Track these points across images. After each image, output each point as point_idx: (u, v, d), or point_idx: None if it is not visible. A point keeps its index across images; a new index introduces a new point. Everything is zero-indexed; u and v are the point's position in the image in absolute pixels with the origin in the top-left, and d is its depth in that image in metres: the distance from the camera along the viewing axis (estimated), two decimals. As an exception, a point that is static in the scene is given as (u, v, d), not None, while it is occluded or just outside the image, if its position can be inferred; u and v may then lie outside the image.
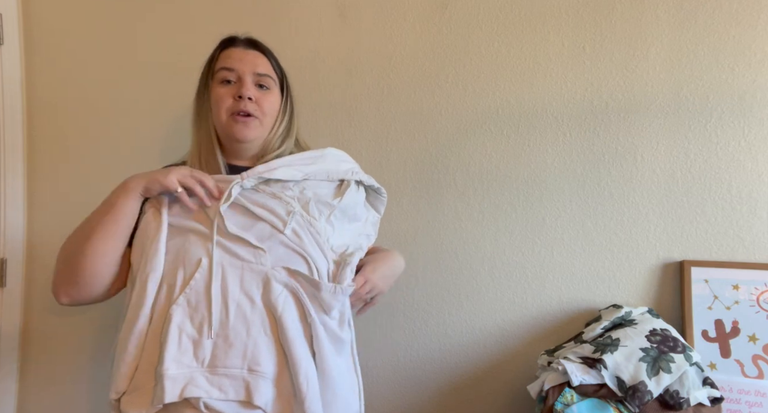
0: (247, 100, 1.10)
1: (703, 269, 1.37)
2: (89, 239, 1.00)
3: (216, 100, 1.12)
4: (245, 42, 1.17)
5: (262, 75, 1.13)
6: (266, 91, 1.14)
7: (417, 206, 1.52)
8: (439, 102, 1.52)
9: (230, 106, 1.11)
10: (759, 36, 1.38)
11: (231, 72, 1.12)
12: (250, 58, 1.14)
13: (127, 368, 0.97)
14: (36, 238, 1.65)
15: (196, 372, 0.95)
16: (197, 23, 1.61)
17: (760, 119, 1.38)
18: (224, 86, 1.12)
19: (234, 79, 1.12)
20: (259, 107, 1.12)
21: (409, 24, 1.54)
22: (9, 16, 1.62)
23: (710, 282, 1.36)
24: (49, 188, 1.65)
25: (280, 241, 1.01)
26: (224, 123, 1.11)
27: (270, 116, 1.15)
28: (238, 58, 1.13)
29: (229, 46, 1.16)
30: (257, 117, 1.12)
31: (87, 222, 1.04)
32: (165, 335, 0.96)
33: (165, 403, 0.93)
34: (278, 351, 0.98)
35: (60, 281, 1.03)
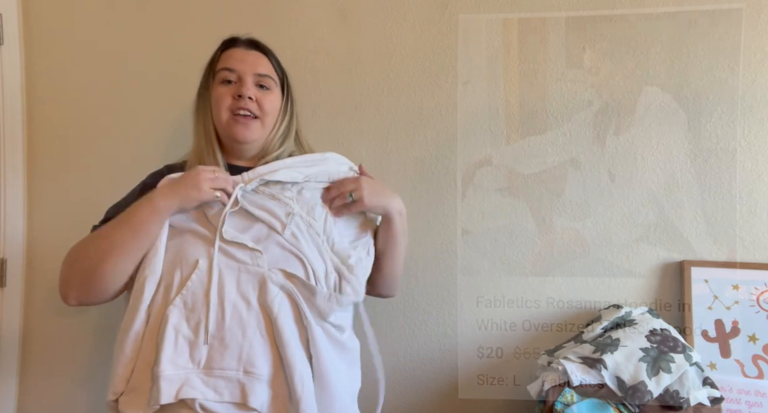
0: (247, 99, 1.10)
1: (703, 269, 1.37)
2: (109, 257, 0.99)
3: (216, 99, 1.12)
4: (246, 43, 1.17)
5: (263, 75, 1.13)
6: (267, 92, 1.14)
7: (417, 206, 1.52)
8: (439, 102, 1.52)
9: (230, 105, 1.11)
10: (759, 36, 1.38)
11: (232, 72, 1.12)
12: (252, 58, 1.14)
13: (124, 369, 0.97)
14: (36, 238, 1.65)
15: (191, 373, 0.95)
16: (198, 23, 1.61)
17: (760, 119, 1.38)
18: (225, 86, 1.12)
19: (234, 80, 1.12)
20: (259, 107, 1.12)
21: (409, 24, 1.54)
22: (9, 16, 1.62)
23: (710, 282, 1.36)
24: (49, 188, 1.65)
25: (276, 242, 1.01)
26: (224, 123, 1.11)
27: (271, 116, 1.14)
28: (239, 59, 1.13)
29: (231, 47, 1.16)
30: (258, 117, 1.12)
31: (107, 237, 1.01)
32: (161, 336, 0.96)
33: (161, 404, 0.93)
34: (274, 352, 0.98)
35: (71, 286, 1.03)
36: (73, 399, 1.63)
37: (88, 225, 1.58)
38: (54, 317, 1.65)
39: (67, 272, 1.04)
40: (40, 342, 1.65)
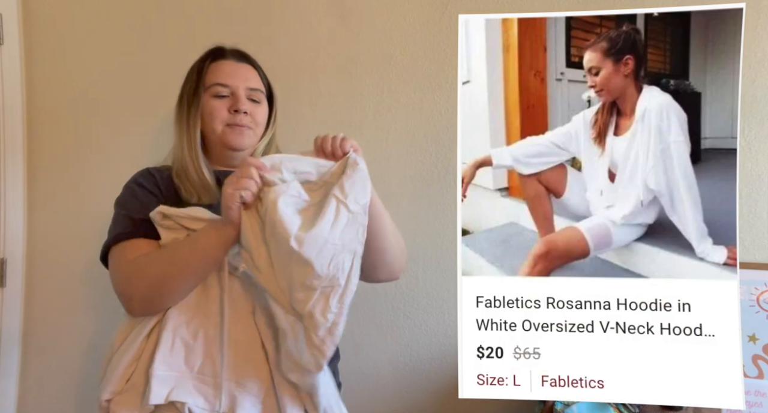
0: (242, 114, 1.14)
1: (703, 269, 1.36)
2: (182, 281, 0.99)
3: (210, 112, 1.14)
4: (235, 54, 1.20)
5: (254, 89, 1.17)
6: (257, 105, 1.18)
7: (417, 206, 1.52)
8: (439, 102, 1.52)
9: (226, 118, 1.14)
10: (759, 36, 1.38)
11: (225, 87, 1.15)
12: (242, 72, 1.17)
13: (127, 368, 0.97)
14: (36, 238, 1.65)
15: (185, 376, 0.95)
16: (197, 24, 1.61)
17: (760, 119, 1.38)
18: (218, 100, 1.15)
19: (227, 94, 1.15)
20: (252, 119, 1.16)
21: (409, 24, 1.54)
22: (9, 16, 1.62)
23: (710, 282, 1.36)
24: (49, 189, 1.65)
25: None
26: (219, 133, 1.15)
27: (261, 126, 1.19)
28: (230, 73, 1.16)
29: (219, 59, 1.18)
30: (251, 128, 1.16)
31: (184, 263, 0.99)
32: (159, 336, 0.96)
33: (153, 404, 0.93)
34: (268, 370, 0.99)
35: (135, 299, 1.00)
36: (73, 399, 1.63)
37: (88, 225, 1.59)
38: (54, 317, 1.65)
39: (130, 285, 1.01)
40: (40, 342, 1.65)
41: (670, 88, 1.15)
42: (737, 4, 1.11)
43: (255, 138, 1.18)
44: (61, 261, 1.63)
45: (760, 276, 1.34)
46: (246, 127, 1.15)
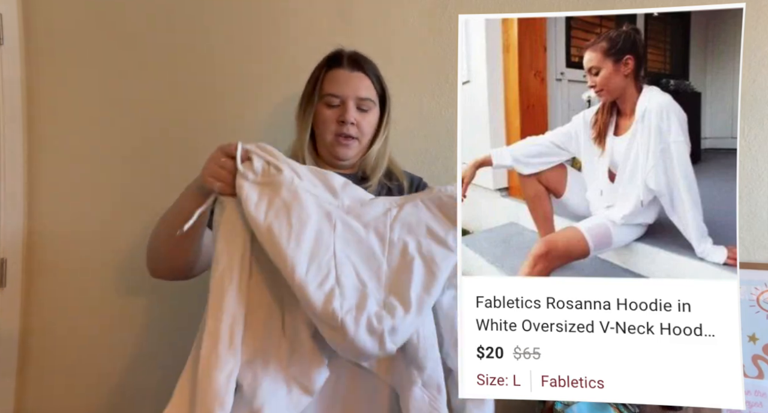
0: (349, 125, 1.21)
1: (704, 269, 1.36)
2: (167, 237, 1.08)
3: (323, 121, 1.23)
4: (350, 62, 1.25)
5: (364, 99, 1.23)
6: (365, 114, 1.24)
7: (417, 206, 1.52)
8: (439, 102, 1.52)
9: (334, 129, 1.23)
10: (759, 36, 1.38)
11: (335, 98, 1.22)
12: (354, 82, 1.24)
13: None
14: (36, 238, 1.65)
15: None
16: (198, 23, 1.61)
17: (760, 119, 1.38)
18: (330, 109, 1.23)
19: (338, 104, 1.22)
20: (359, 130, 1.23)
21: (409, 24, 1.54)
22: (9, 16, 1.62)
23: (710, 282, 1.35)
24: (49, 189, 1.65)
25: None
26: (328, 143, 1.24)
27: (368, 135, 1.26)
28: (343, 83, 1.23)
29: (334, 67, 1.25)
30: (357, 138, 1.23)
31: (167, 222, 1.09)
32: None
33: None
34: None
35: (149, 263, 1.17)
36: (72, 399, 1.63)
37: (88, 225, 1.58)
38: (54, 317, 1.65)
39: (147, 251, 1.17)
40: (40, 342, 1.65)
41: (670, 89, 1.14)
42: (737, 4, 1.11)
43: (360, 147, 1.25)
44: (61, 261, 1.63)
45: (760, 276, 1.35)
46: (352, 138, 1.22)
